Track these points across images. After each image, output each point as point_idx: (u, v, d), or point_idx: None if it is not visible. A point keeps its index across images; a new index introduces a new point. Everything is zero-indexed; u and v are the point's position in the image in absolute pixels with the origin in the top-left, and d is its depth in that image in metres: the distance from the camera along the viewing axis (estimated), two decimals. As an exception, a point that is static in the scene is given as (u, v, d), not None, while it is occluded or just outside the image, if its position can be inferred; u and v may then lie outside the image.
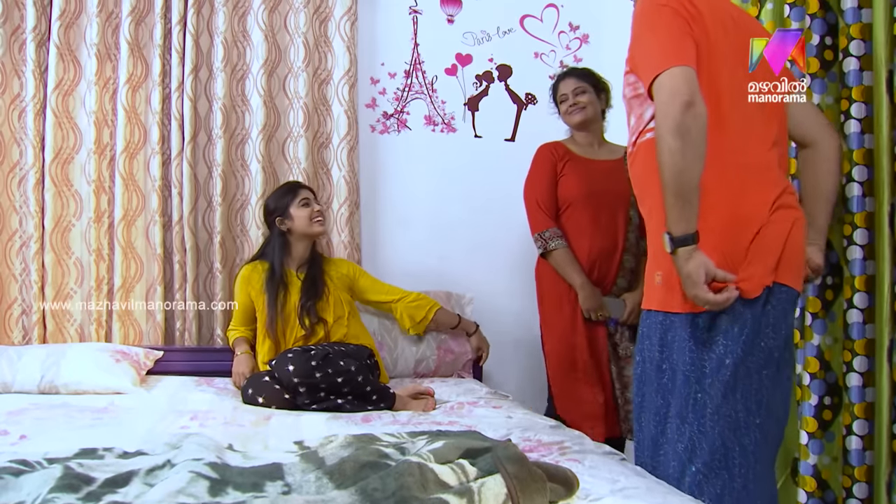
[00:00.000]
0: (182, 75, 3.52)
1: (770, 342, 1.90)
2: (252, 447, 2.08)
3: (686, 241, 1.78)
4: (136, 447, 1.91)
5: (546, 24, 4.03)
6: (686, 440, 1.84)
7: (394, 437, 1.96)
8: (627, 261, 3.15)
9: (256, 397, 2.78)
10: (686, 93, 1.73)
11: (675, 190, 1.76)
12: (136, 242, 3.52)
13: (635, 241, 3.16)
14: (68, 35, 3.46)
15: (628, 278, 3.16)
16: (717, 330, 1.85)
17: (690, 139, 1.73)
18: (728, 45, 1.91)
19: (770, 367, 1.91)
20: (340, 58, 3.69)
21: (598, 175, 3.15)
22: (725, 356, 1.84)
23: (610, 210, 3.13)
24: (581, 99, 3.19)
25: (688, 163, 1.74)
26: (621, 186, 3.10)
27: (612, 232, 3.12)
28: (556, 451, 2.04)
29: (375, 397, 2.76)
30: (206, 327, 3.57)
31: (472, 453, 1.60)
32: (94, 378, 2.98)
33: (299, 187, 3.24)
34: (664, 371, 1.90)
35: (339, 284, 3.20)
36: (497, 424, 2.42)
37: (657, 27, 1.84)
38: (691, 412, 1.84)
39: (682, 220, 1.77)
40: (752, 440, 1.86)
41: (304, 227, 3.16)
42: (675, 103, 1.73)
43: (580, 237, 3.13)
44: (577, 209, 3.14)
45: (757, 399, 1.88)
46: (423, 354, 3.45)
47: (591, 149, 3.23)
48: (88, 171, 3.44)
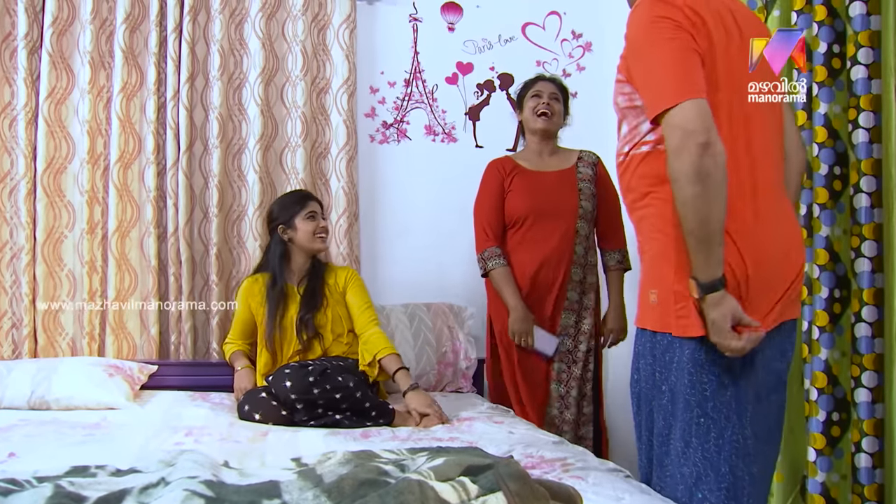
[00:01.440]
0: (178, 84, 3.52)
1: (777, 364, 1.90)
2: (248, 464, 2.07)
3: (714, 286, 1.73)
4: (130, 464, 1.90)
5: (548, 31, 4.04)
6: (691, 465, 1.80)
7: (393, 454, 1.95)
8: (575, 273, 3.19)
9: (253, 413, 2.78)
10: (702, 133, 1.67)
11: (700, 236, 1.71)
12: (130, 254, 3.51)
13: (583, 252, 3.20)
14: (61, 42, 3.47)
15: (578, 291, 3.19)
16: (717, 351, 1.79)
17: (711, 183, 1.67)
18: (734, 49, 1.87)
19: (779, 391, 1.91)
20: (339, 66, 3.70)
21: (543, 188, 3.20)
22: (727, 378, 1.80)
23: (556, 223, 3.17)
24: (555, 106, 3.25)
25: (711, 209, 1.68)
26: (567, 198, 3.18)
27: (558, 245, 3.16)
28: (559, 468, 2.03)
29: (374, 413, 2.76)
30: (202, 341, 3.57)
31: (473, 470, 1.59)
32: (87, 393, 2.96)
33: (309, 199, 3.22)
34: (663, 392, 1.86)
35: (339, 297, 3.18)
36: (498, 440, 2.42)
37: (658, 43, 1.77)
38: (695, 437, 1.80)
39: (708, 267, 1.72)
40: (760, 468, 1.84)
41: (305, 240, 3.15)
42: (691, 146, 1.66)
43: (527, 252, 3.18)
44: (524, 225, 3.20)
45: (766, 425, 1.87)
46: (423, 369, 3.45)
47: (540, 160, 3.28)
48: (81, 182, 3.44)
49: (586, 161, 3.28)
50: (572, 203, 3.18)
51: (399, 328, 3.50)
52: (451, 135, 3.95)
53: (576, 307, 3.19)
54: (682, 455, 1.81)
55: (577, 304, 3.19)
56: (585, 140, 3.42)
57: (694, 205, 1.68)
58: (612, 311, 3.25)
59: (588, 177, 3.23)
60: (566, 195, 3.19)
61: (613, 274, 3.27)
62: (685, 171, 1.68)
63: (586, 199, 3.20)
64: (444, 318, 3.59)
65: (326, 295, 3.15)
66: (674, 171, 1.71)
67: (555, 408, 3.14)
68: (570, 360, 3.17)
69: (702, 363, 1.80)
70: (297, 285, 3.17)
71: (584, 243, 3.20)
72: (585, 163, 3.27)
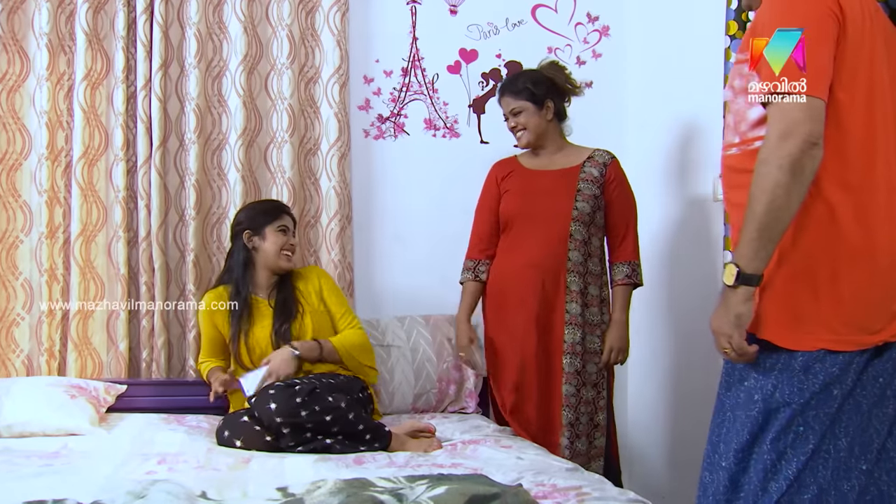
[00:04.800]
0: (149, 72, 3.50)
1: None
2: (229, 495, 2.07)
3: (752, 280, 1.83)
4: (93, 497, 1.91)
5: (561, 14, 4.02)
6: (781, 479, 1.85)
7: (390, 482, 1.98)
8: (572, 282, 3.15)
9: (234, 440, 2.76)
10: (813, 134, 1.76)
11: (765, 225, 1.79)
12: (96, 261, 3.50)
13: (581, 260, 3.17)
14: (12, 22, 3.44)
15: (580, 303, 3.15)
16: None
17: (803, 179, 1.77)
18: (871, 47, 1.90)
19: (885, 405, 1.91)
20: (330, 53, 3.69)
21: (536, 190, 3.22)
22: (832, 385, 1.85)
23: (544, 226, 3.17)
24: (519, 120, 3.22)
25: (791, 203, 1.78)
26: (560, 199, 3.17)
27: (551, 251, 3.16)
28: (574, 498, 2.04)
29: (369, 436, 2.74)
30: (177, 357, 3.55)
31: (478, 500, 1.59)
32: (45, 418, 2.94)
33: (284, 212, 3.24)
34: (755, 402, 1.90)
35: (316, 302, 3.19)
36: (506, 467, 2.42)
37: (802, 23, 1.81)
38: (790, 448, 1.85)
39: (758, 259, 1.81)
40: (852, 486, 1.87)
41: (271, 254, 3.15)
42: (797, 140, 1.76)
43: (520, 256, 3.20)
44: (514, 227, 3.24)
45: (863, 440, 1.89)
46: (423, 388, 3.45)
47: (544, 160, 3.29)
48: (40, 180, 3.41)
49: (596, 161, 3.23)
50: (564, 205, 3.15)
51: (395, 343, 3.50)
52: (453, 129, 3.93)
53: (578, 321, 3.14)
54: (771, 469, 1.87)
55: (578, 317, 3.14)
56: (601, 133, 3.41)
57: (775, 192, 1.77)
58: (612, 328, 3.20)
59: (592, 177, 3.19)
60: (559, 196, 3.17)
61: (619, 289, 3.23)
62: (780, 158, 1.76)
63: (584, 201, 3.16)
64: (444, 330, 3.57)
65: (301, 302, 3.16)
66: (767, 155, 1.79)
67: (565, 437, 3.11)
68: (578, 383, 3.13)
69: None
70: (268, 298, 3.17)
71: (581, 249, 3.16)
72: (594, 163, 3.23)
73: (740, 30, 2.86)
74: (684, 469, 3.52)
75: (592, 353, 3.16)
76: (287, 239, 3.17)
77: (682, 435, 3.53)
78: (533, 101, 3.20)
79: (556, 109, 3.25)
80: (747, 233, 1.81)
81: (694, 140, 3.48)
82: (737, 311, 1.83)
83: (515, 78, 3.32)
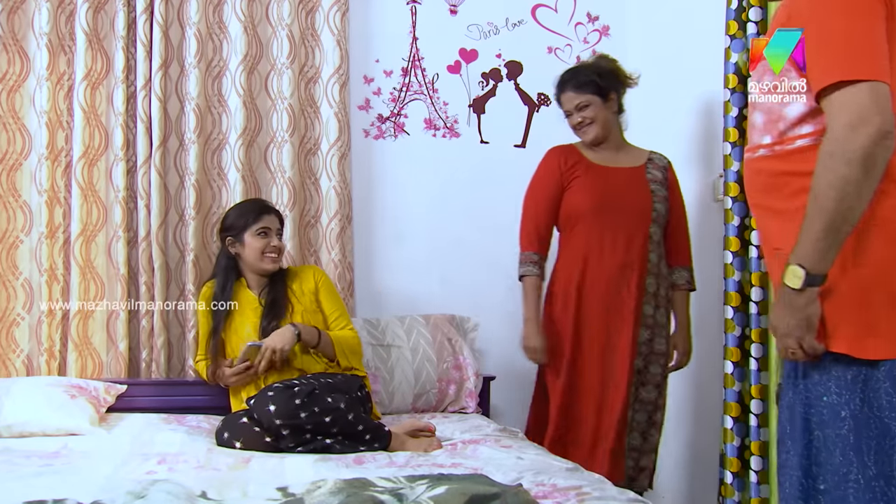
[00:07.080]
0: (149, 71, 3.50)
1: None
2: (229, 495, 2.06)
3: (817, 281, 1.75)
4: (93, 497, 1.90)
5: (561, 14, 4.03)
6: None
7: (390, 482, 1.97)
8: (650, 284, 3.12)
9: (233, 441, 2.75)
10: (882, 121, 1.66)
11: (834, 223, 1.70)
12: (96, 261, 3.49)
13: (657, 261, 3.13)
14: (12, 22, 3.44)
15: (652, 304, 3.12)
16: None
17: (874, 174, 1.67)
18: None
19: None
20: (330, 53, 3.69)
21: (614, 186, 3.13)
22: None
23: (627, 226, 3.10)
24: (586, 115, 3.14)
25: (861, 199, 1.69)
26: (641, 199, 3.11)
27: (629, 251, 3.08)
28: (574, 498, 2.03)
29: (369, 436, 2.74)
30: (177, 357, 3.55)
31: (478, 500, 1.59)
32: (45, 418, 2.93)
33: (264, 212, 3.19)
34: (844, 420, 1.79)
35: (310, 302, 3.18)
36: (506, 466, 2.41)
37: (846, 8, 1.73)
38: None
39: (825, 260, 1.73)
40: None
41: (253, 258, 3.14)
42: (870, 129, 1.65)
43: (589, 257, 3.10)
44: (585, 224, 3.12)
45: None
46: (423, 388, 3.44)
47: (609, 155, 3.20)
48: (40, 180, 3.41)
49: (657, 163, 3.20)
50: (645, 205, 3.09)
51: (395, 343, 3.49)
52: (453, 129, 3.93)
53: (650, 322, 3.11)
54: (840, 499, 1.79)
55: (651, 318, 3.12)
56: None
57: (844, 189, 1.67)
58: (681, 332, 3.21)
59: (659, 179, 3.17)
60: (638, 196, 3.11)
61: (681, 293, 3.22)
62: (849, 152, 1.66)
63: (660, 202, 3.13)
64: (444, 330, 3.57)
65: (293, 301, 3.15)
66: (832, 149, 1.69)
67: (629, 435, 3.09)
68: (637, 383, 3.09)
69: None
70: (259, 295, 3.17)
71: (657, 250, 3.13)
72: (656, 165, 3.20)
73: (740, 30, 2.85)
74: (684, 469, 3.53)
75: (659, 355, 3.13)
76: (268, 241, 3.13)
77: (682, 434, 3.53)
78: (599, 94, 3.13)
79: (616, 108, 3.20)
80: (812, 233, 1.72)
81: (694, 140, 3.48)
82: (806, 313, 1.76)
83: (576, 71, 3.22)
